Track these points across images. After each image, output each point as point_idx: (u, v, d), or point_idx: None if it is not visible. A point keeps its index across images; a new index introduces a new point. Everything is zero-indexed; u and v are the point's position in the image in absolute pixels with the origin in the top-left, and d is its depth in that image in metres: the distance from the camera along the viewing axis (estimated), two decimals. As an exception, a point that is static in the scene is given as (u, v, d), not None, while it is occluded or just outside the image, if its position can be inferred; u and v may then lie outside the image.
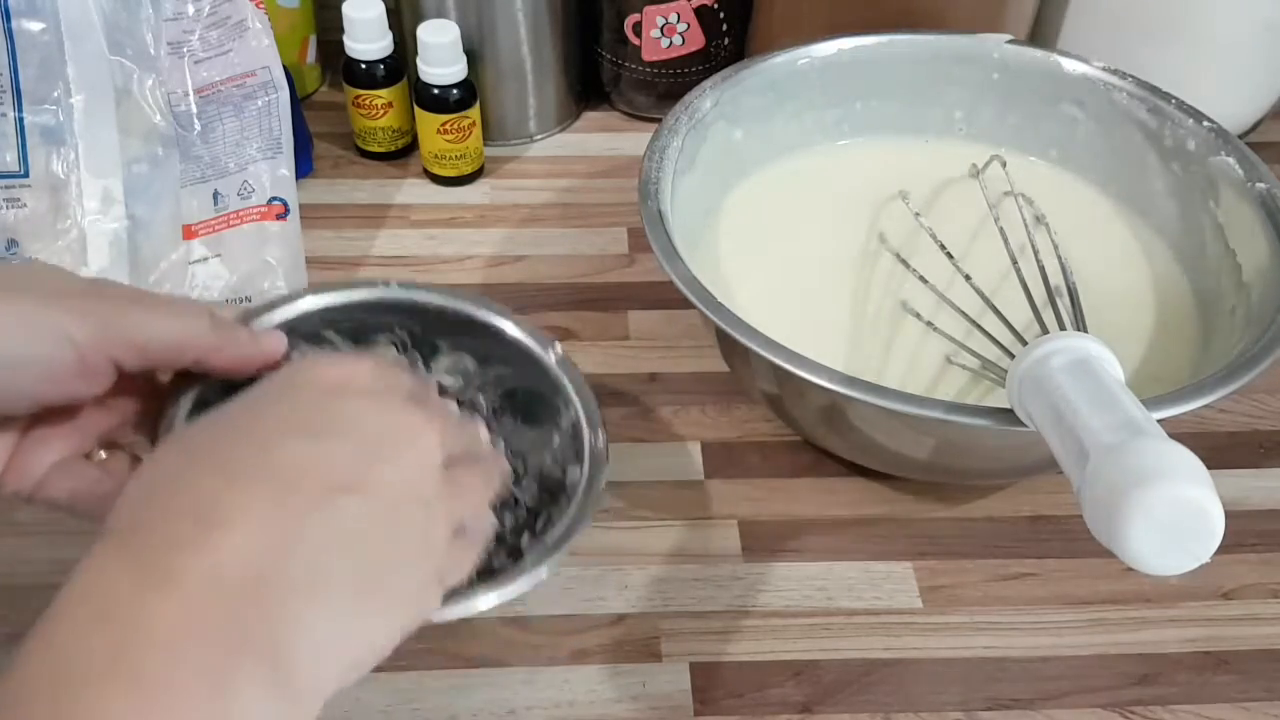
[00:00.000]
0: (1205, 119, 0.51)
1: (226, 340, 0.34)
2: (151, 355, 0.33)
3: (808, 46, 0.56)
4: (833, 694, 0.43)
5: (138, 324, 0.32)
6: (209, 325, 0.34)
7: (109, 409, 0.35)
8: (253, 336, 0.36)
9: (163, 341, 0.33)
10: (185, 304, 0.35)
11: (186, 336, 0.33)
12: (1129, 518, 0.29)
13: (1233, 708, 0.43)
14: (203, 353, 0.34)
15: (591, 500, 0.36)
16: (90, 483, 0.35)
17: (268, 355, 0.36)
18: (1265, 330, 0.42)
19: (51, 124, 0.52)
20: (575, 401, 0.39)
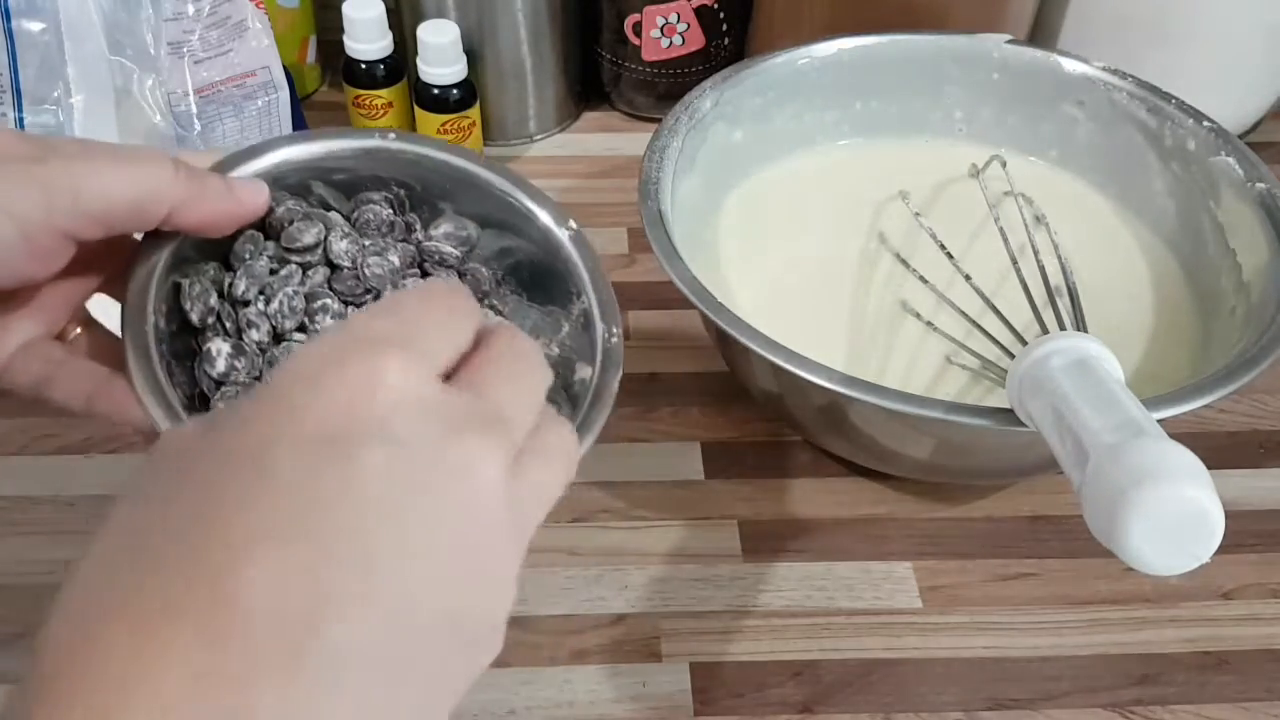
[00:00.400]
0: (1205, 119, 0.51)
1: (195, 192, 0.30)
2: (110, 221, 0.29)
3: (808, 47, 0.56)
4: (833, 694, 0.43)
5: (88, 187, 0.28)
6: (173, 176, 0.29)
7: (77, 281, 0.32)
8: (227, 187, 0.31)
9: (119, 203, 0.29)
10: (144, 152, 0.30)
11: (146, 192, 0.29)
12: (1129, 518, 0.29)
13: (1232, 708, 0.43)
14: (170, 208, 0.29)
15: (600, 407, 0.31)
16: (54, 365, 0.31)
17: (247, 208, 0.31)
18: (1265, 330, 0.42)
19: (51, 124, 0.52)
20: (589, 289, 0.34)
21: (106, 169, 0.28)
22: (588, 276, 0.35)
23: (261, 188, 0.32)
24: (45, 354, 0.31)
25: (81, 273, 0.31)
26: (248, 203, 0.31)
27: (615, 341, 0.33)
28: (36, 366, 0.31)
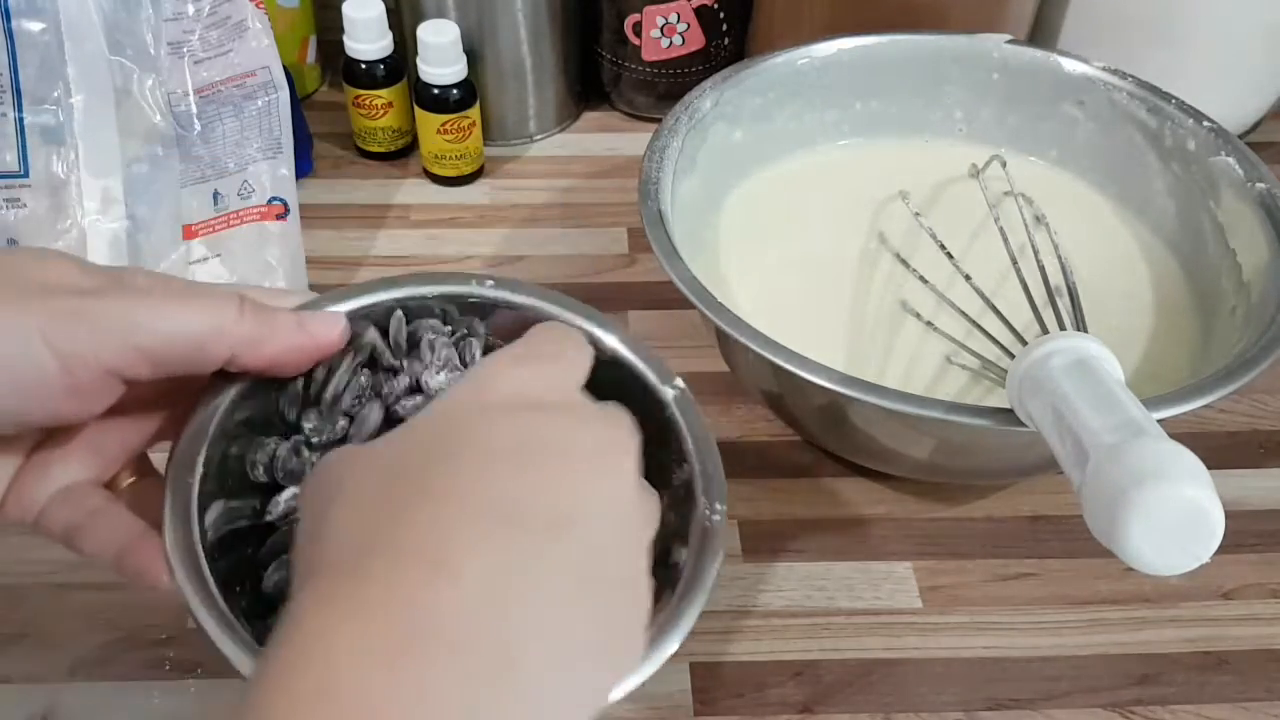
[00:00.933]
0: (1205, 119, 0.51)
1: (262, 331, 0.28)
2: (164, 361, 0.27)
3: (808, 47, 0.55)
4: (833, 694, 0.43)
5: (142, 324, 0.26)
6: (237, 315, 0.27)
7: (134, 424, 0.30)
8: (298, 322, 0.29)
9: (176, 343, 0.27)
10: (208, 291, 0.28)
11: (207, 332, 0.27)
12: (1129, 518, 0.29)
13: (1232, 708, 0.43)
14: (234, 349, 0.27)
15: (691, 600, 0.28)
16: (88, 514, 0.29)
17: (321, 343, 0.29)
18: (1265, 330, 0.42)
19: (51, 124, 0.52)
20: (693, 459, 0.31)
21: (164, 305, 0.27)
22: (692, 441, 0.31)
23: (338, 320, 0.30)
24: (80, 501, 0.29)
25: (139, 416, 0.29)
26: (323, 336, 0.29)
27: (718, 521, 0.29)
28: (67, 513, 0.29)
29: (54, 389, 0.26)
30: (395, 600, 0.21)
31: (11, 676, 0.42)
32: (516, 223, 0.64)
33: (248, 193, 0.56)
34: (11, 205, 0.52)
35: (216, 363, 0.28)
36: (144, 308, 0.27)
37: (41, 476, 0.29)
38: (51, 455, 0.29)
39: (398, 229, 0.64)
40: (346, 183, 0.66)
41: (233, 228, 0.56)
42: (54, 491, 0.29)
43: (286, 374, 0.29)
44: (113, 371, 0.26)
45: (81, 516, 0.29)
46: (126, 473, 0.31)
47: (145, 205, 0.54)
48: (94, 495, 0.29)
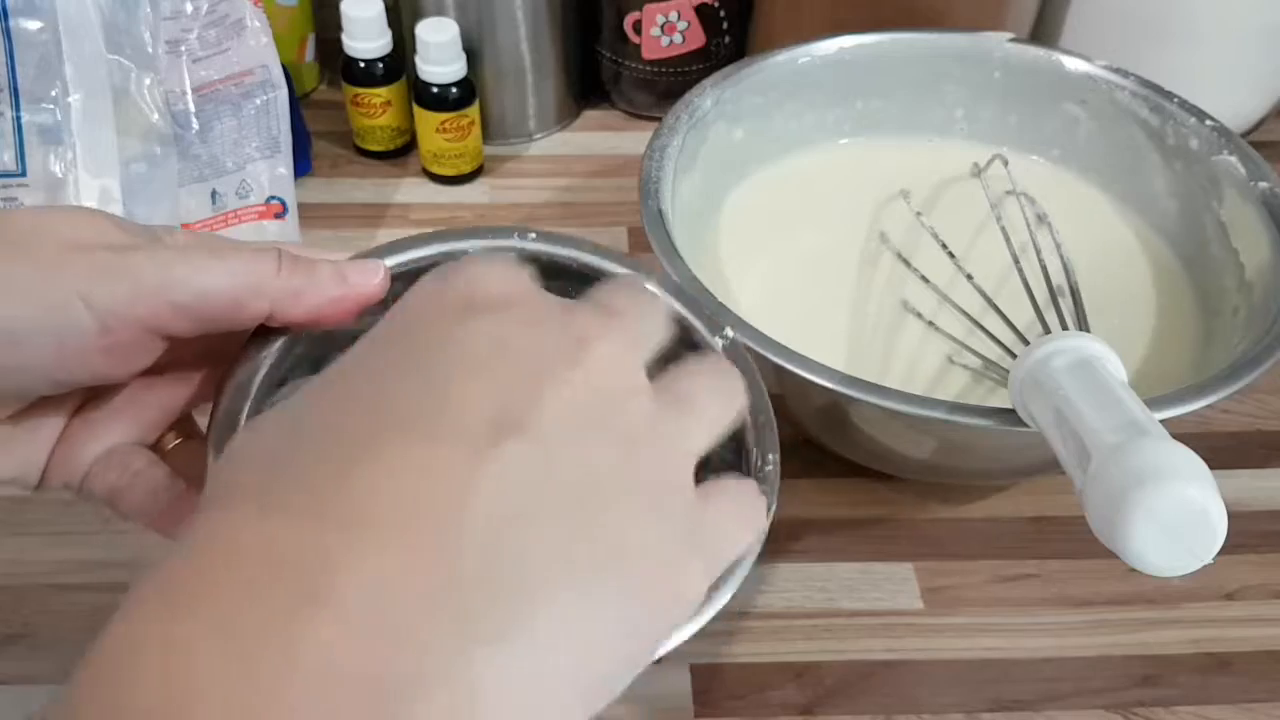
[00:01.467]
0: (1207, 118, 0.51)
1: (302, 283, 0.27)
2: (202, 316, 0.26)
3: (808, 45, 0.55)
4: (834, 695, 0.43)
5: (179, 280, 0.25)
6: (275, 268, 0.26)
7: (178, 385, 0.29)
8: (338, 272, 0.28)
9: (215, 298, 0.26)
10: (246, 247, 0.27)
11: (245, 286, 0.26)
12: (1131, 518, 0.29)
13: (1235, 709, 0.43)
14: (274, 303, 0.27)
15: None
16: (130, 475, 0.28)
17: (362, 292, 0.28)
18: (1268, 330, 0.42)
19: (49, 123, 0.52)
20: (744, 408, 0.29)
21: (202, 259, 0.26)
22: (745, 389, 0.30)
23: (377, 267, 0.29)
24: (124, 463, 0.28)
25: (182, 376, 0.29)
26: (362, 286, 0.28)
27: (770, 470, 0.28)
28: (112, 476, 0.28)
29: (92, 347, 0.25)
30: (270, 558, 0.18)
31: (10, 677, 0.42)
32: (516, 222, 0.64)
33: (246, 192, 0.56)
34: (9, 204, 0.52)
35: (256, 318, 0.27)
36: (181, 263, 0.26)
37: (86, 439, 0.28)
38: (95, 417, 0.29)
39: (397, 228, 0.63)
40: (345, 182, 0.66)
41: (231, 227, 0.56)
42: (99, 453, 0.28)
43: (329, 326, 0.28)
44: (151, 328, 0.26)
45: (126, 478, 0.28)
46: (171, 434, 0.30)
47: (143, 204, 0.54)
48: (138, 457, 0.29)
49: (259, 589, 0.17)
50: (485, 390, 0.20)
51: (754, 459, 0.29)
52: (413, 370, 0.21)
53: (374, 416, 0.20)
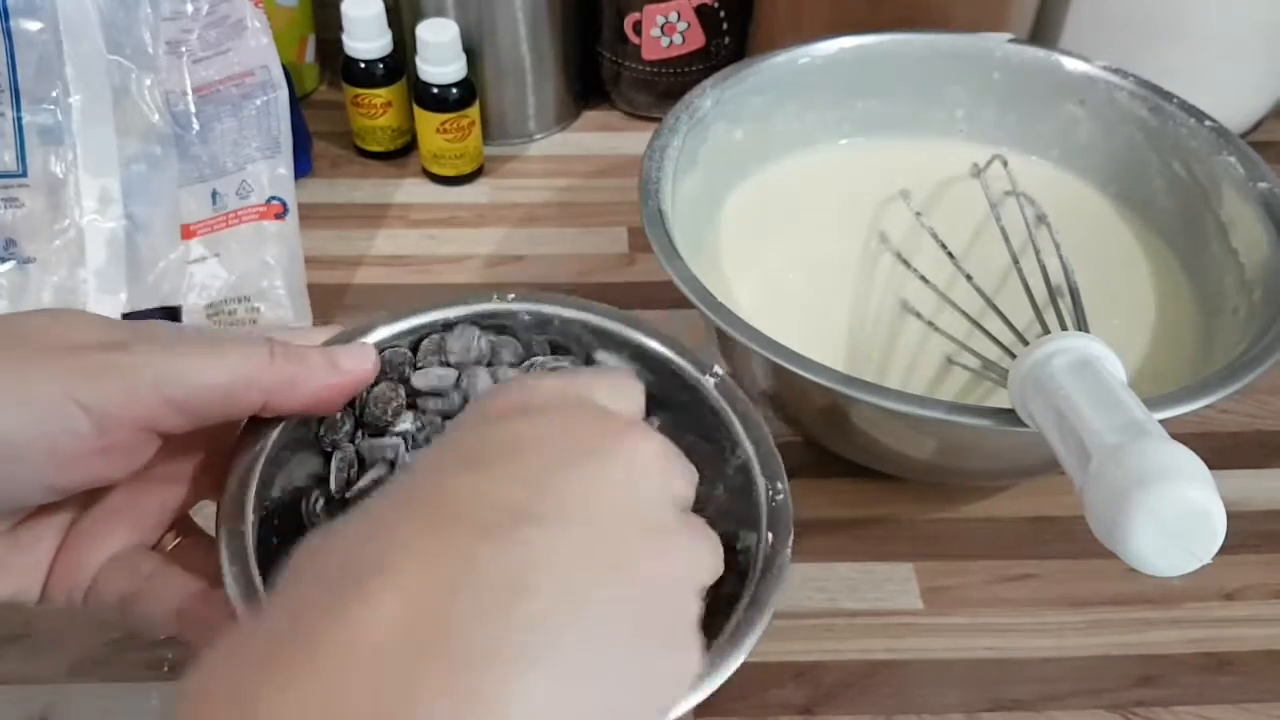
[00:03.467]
0: (1207, 118, 0.51)
1: (296, 372, 0.27)
2: (198, 412, 0.26)
3: (808, 45, 0.55)
4: (834, 695, 0.43)
5: (174, 376, 0.25)
6: (268, 359, 0.27)
7: (171, 482, 0.29)
8: (330, 361, 0.28)
9: (209, 392, 0.26)
10: (237, 339, 0.27)
11: (238, 378, 0.26)
12: (1131, 518, 0.29)
13: (1235, 709, 0.43)
14: (268, 393, 0.27)
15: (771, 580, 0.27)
16: (141, 579, 0.28)
17: (356, 378, 0.29)
18: (1267, 330, 0.42)
19: (50, 124, 0.52)
20: (744, 441, 0.30)
21: (193, 355, 0.26)
22: (740, 426, 0.31)
23: (368, 352, 0.29)
24: (133, 567, 0.28)
25: (178, 474, 0.29)
26: (355, 371, 0.29)
27: (782, 499, 0.29)
28: (121, 581, 0.28)
29: (89, 449, 0.25)
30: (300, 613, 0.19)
31: (10, 677, 0.42)
32: (516, 222, 0.64)
33: (246, 192, 0.56)
34: (10, 205, 0.52)
35: (250, 410, 0.27)
36: (174, 358, 0.26)
37: (89, 547, 0.28)
38: (94, 524, 0.28)
39: (397, 228, 0.63)
40: (345, 182, 0.66)
41: (231, 227, 0.56)
42: (102, 561, 0.28)
43: (323, 413, 0.29)
44: (147, 427, 0.26)
45: (137, 582, 0.28)
46: (170, 535, 0.30)
47: (143, 205, 0.54)
48: (146, 560, 0.28)
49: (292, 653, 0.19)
50: (501, 478, 0.21)
51: (763, 489, 0.29)
52: (444, 467, 0.22)
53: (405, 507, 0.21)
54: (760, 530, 0.29)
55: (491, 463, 0.22)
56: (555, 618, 0.20)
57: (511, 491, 0.21)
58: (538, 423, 0.23)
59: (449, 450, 0.23)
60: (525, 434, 0.23)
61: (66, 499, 0.28)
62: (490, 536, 0.20)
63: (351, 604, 0.19)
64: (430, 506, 0.21)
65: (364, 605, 0.19)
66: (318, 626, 0.19)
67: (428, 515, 0.21)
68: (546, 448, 0.22)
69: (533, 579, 0.20)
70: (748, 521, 0.29)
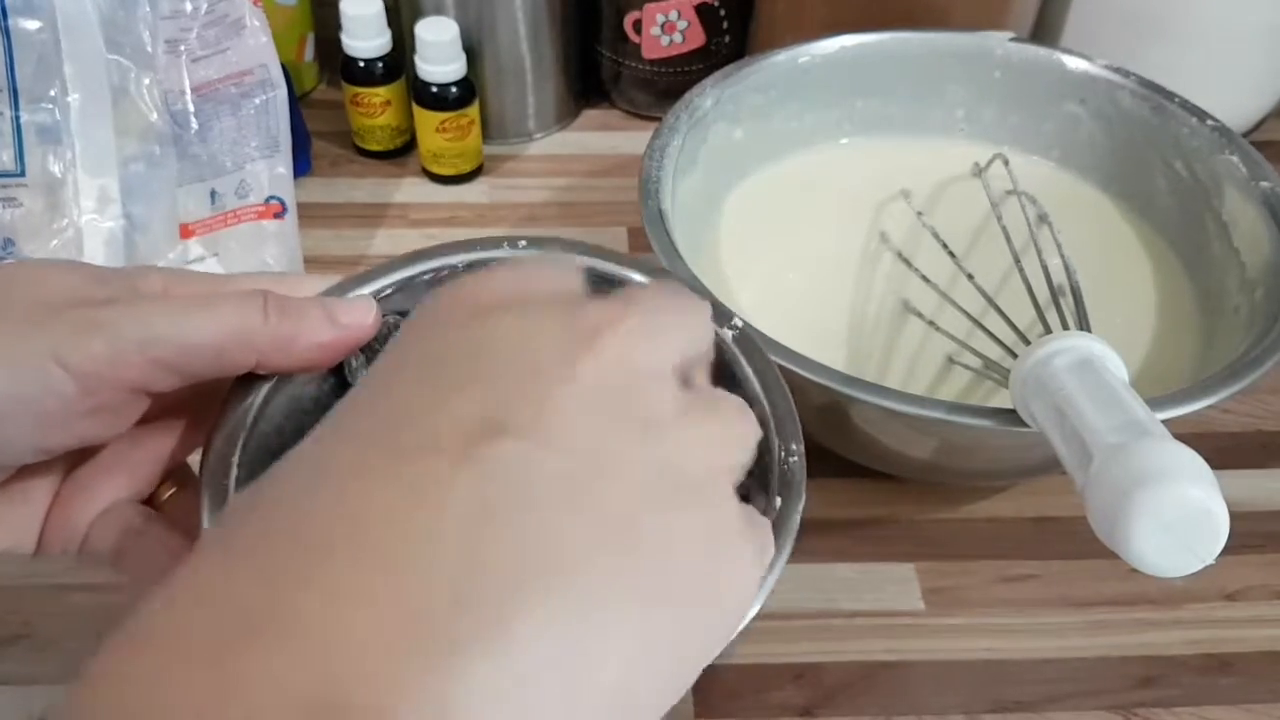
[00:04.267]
0: (1209, 118, 0.51)
1: (291, 329, 0.26)
2: (187, 371, 0.25)
3: (809, 44, 0.55)
4: (834, 696, 0.43)
5: (159, 334, 0.24)
6: (262, 317, 0.25)
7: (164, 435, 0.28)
8: (327, 315, 0.27)
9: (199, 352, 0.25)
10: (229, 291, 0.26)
11: (229, 337, 0.25)
12: (1133, 519, 0.28)
13: (1236, 710, 0.43)
14: (262, 353, 0.26)
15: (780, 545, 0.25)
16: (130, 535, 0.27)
17: (355, 334, 0.27)
18: (1269, 330, 0.42)
19: (48, 123, 0.52)
20: (761, 398, 0.29)
21: (184, 312, 0.24)
22: (758, 383, 0.29)
23: (368, 305, 0.28)
24: (124, 521, 0.27)
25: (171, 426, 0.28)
26: (355, 327, 0.27)
27: (795, 461, 0.27)
28: (112, 536, 0.27)
29: (76, 412, 0.24)
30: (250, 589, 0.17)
31: (9, 678, 0.42)
32: (516, 222, 0.64)
33: (245, 191, 0.56)
34: (8, 204, 0.52)
35: (244, 368, 0.26)
36: (162, 315, 0.24)
37: (82, 501, 0.27)
38: (87, 477, 0.27)
39: (396, 228, 0.63)
40: (344, 181, 0.66)
41: (230, 227, 0.56)
42: (95, 514, 0.27)
43: (319, 369, 0.28)
44: (135, 387, 0.25)
45: (129, 538, 0.27)
46: (166, 485, 0.29)
47: (142, 204, 0.54)
48: (137, 514, 0.28)
49: (211, 624, 0.17)
50: (476, 396, 0.19)
51: (776, 451, 0.28)
52: (413, 385, 0.20)
53: (364, 441, 0.20)
54: (770, 493, 0.27)
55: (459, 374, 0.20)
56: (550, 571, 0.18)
57: (487, 405, 0.19)
58: (509, 319, 0.21)
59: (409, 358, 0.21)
60: (499, 334, 0.21)
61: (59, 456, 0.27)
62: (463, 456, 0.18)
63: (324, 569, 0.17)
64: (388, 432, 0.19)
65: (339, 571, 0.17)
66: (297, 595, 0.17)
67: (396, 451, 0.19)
68: (513, 354, 0.20)
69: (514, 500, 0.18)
70: (758, 483, 0.27)
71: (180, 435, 0.29)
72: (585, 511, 0.18)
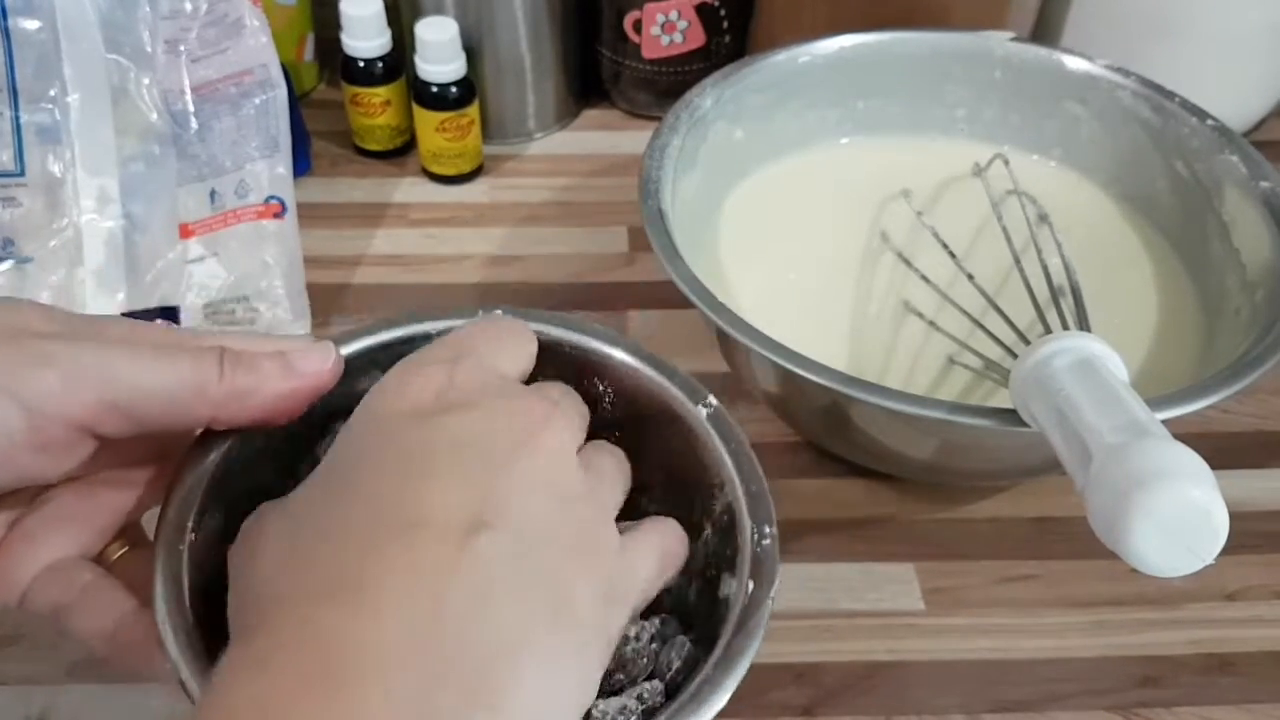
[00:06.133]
0: (1209, 117, 0.51)
1: (247, 384, 0.26)
2: (139, 418, 0.24)
3: (809, 44, 0.55)
4: (834, 696, 0.43)
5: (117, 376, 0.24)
6: (218, 373, 0.25)
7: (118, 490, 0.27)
8: (284, 366, 0.26)
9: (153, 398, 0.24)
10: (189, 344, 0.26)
11: (184, 387, 0.25)
12: (1133, 519, 0.28)
13: (1236, 710, 0.43)
14: (218, 408, 0.25)
15: (748, 632, 0.26)
16: (76, 592, 0.26)
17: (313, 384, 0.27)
18: (1269, 330, 0.42)
19: (48, 123, 0.52)
20: (734, 479, 0.29)
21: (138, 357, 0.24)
22: (732, 464, 0.29)
23: (326, 352, 0.27)
24: (68, 578, 0.26)
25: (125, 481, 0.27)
26: (313, 376, 0.27)
27: (769, 545, 0.27)
28: (55, 592, 0.26)
29: (19, 445, 0.24)
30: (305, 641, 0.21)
31: (8, 678, 0.42)
32: (516, 221, 0.64)
33: (245, 191, 0.56)
34: (8, 204, 0.52)
35: (198, 422, 0.26)
36: (119, 357, 0.24)
37: (25, 553, 0.26)
38: (34, 528, 0.27)
39: (396, 228, 0.63)
40: (344, 181, 0.66)
41: (230, 227, 0.55)
42: (39, 569, 0.26)
43: (281, 422, 0.27)
44: (84, 426, 0.24)
45: (71, 595, 0.26)
46: (116, 544, 0.28)
47: (141, 204, 0.54)
48: (83, 571, 0.27)
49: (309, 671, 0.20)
50: (453, 487, 0.23)
51: (749, 533, 0.27)
52: (391, 471, 0.24)
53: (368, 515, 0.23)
54: (741, 577, 0.27)
55: (432, 470, 0.24)
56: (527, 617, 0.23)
57: (462, 504, 0.23)
58: (466, 420, 0.25)
59: (379, 451, 0.25)
60: (460, 434, 0.24)
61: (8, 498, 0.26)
62: (462, 545, 0.22)
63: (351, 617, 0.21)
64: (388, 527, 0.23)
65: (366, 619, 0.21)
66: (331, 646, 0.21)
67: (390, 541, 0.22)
68: (481, 444, 0.24)
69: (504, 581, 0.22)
70: (731, 566, 0.27)
71: (135, 492, 0.28)
72: (546, 590, 0.23)
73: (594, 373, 0.31)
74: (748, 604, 0.26)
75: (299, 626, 0.21)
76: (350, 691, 0.20)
